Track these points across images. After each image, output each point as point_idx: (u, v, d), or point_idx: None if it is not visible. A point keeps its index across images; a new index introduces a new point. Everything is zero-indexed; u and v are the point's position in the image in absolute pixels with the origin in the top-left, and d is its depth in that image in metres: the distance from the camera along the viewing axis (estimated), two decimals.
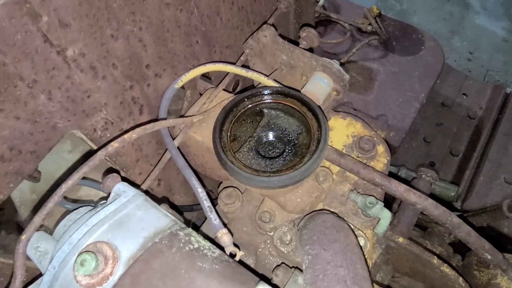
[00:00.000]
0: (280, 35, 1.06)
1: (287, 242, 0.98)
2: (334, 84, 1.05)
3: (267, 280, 0.71)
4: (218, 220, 0.86)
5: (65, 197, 1.01)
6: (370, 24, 1.88)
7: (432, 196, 1.86)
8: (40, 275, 0.73)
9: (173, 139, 1.01)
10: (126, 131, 0.84)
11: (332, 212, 0.96)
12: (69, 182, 0.73)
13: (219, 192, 1.11)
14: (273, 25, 1.07)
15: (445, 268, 1.22)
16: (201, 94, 1.18)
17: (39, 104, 0.75)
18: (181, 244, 0.72)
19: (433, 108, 2.37)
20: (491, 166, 2.11)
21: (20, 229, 1.30)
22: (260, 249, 1.06)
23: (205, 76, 1.26)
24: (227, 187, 1.10)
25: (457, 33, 4.21)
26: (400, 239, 1.23)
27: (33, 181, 1.13)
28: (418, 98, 1.86)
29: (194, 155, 1.15)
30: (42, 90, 0.73)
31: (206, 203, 0.88)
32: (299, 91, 1.01)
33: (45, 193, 1.21)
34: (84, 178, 1.09)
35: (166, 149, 1.03)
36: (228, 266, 0.71)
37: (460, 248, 1.67)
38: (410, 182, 1.58)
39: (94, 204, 0.84)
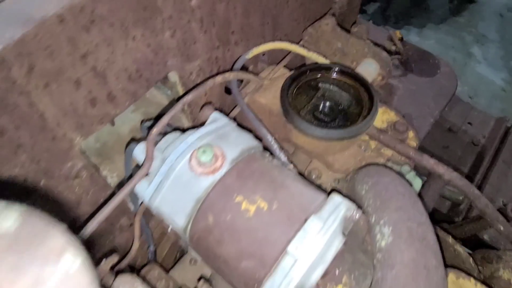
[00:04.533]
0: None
1: None
2: (380, 70, 1.29)
3: None
4: (286, 158, 1.06)
5: None
6: (394, 44, 2.16)
7: (443, 197, 2.08)
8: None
9: None
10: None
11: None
12: (189, 97, 0.93)
13: None
14: (333, 14, 1.32)
15: (458, 247, 1.42)
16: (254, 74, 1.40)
17: (163, 39, 0.96)
18: (270, 159, 0.91)
19: (441, 133, 2.63)
20: (491, 190, 2.34)
21: None
22: None
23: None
24: None
25: (459, 78, 4.57)
26: None
27: (111, 124, 1.31)
28: (433, 114, 2.12)
29: None
30: (169, 27, 0.95)
31: (275, 145, 1.08)
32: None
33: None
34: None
35: None
36: (305, 180, 0.91)
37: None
38: (424, 184, 1.80)
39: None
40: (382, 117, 1.44)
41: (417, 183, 1.25)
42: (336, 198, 0.84)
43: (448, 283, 1.12)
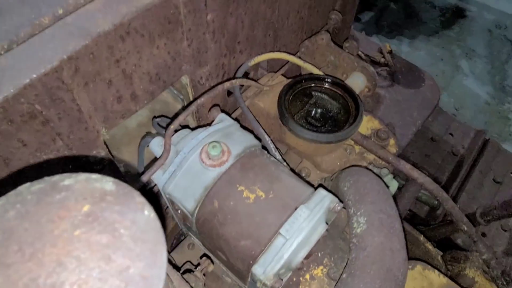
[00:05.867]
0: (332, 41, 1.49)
1: None
2: (367, 82, 1.47)
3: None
4: (280, 157, 1.23)
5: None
6: (383, 57, 2.35)
7: (420, 201, 2.28)
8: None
9: None
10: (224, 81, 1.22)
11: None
12: (202, 99, 1.09)
13: None
14: (327, 31, 1.50)
15: (429, 245, 1.61)
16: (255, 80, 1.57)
17: (181, 47, 1.12)
18: (268, 156, 1.09)
19: (423, 142, 2.84)
20: (467, 197, 2.55)
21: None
22: None
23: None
24: None
25: (446, 90, 4.82)
26: None
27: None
28: (416, 124, 2.32)
29: None
30: (187, 38, 1.11)
31: (271, 145, 1.25)
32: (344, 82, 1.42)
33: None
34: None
35: None
36: (297, 176, 1.09)
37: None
38: (402, 187, 2.01)
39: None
40: (367, 124, 1.63)
41: (394, 185, 1.44)
42: (322, 191, 1.02)
43: (416, 273, 1.31)
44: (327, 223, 1.02)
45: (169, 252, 1.36)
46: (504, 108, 4.66)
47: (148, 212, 0.46)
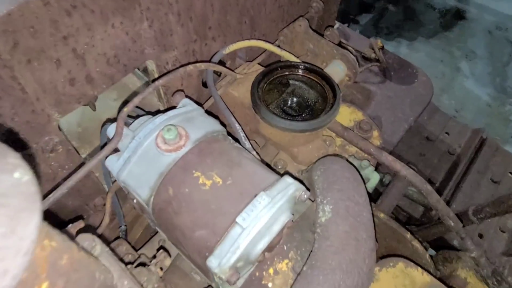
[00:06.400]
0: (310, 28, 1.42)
1: None
2: (347, 71, 1.40)
3: None
4: (250, 146, 1.16)
5: None
6: (374, 52, 2.28)
7: (409, 199, 2.19)
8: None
9: None
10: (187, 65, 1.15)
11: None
12: (160, 81, 1.03)
13: None
14: (307, 19, 1.43)
15: (416, 243, 1.52)
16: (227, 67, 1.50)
17: (142, 29, 1.06)
18: (231, 141, 1.01)
19: (418, 140, 2.75)
20: (464, 197, 2.45)
21: None
22: None
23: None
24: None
25: (447, 92, 4.72)
26: (381, 215, 1.53)
27: (92, 109, 1.40)
28: (407, 120, 2.23)
29: None
30: (147, 18, 1.04)
31: (241, 133, 1.18)
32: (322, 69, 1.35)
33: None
34: None
35: None
36: (262, 163, 1.01)
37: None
38: (389, 183, 1.92)
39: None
40: (350, 116, 1.55)
41: (375, 177, 1.35)
42: (287, 179, 0.94)
43: (398, 270, 1.23)
44: (293, 214, 0.94)
45: (136, 250, 1.28)
46: (506, 110, 4.55)
47: (20, 175, 0.38)
